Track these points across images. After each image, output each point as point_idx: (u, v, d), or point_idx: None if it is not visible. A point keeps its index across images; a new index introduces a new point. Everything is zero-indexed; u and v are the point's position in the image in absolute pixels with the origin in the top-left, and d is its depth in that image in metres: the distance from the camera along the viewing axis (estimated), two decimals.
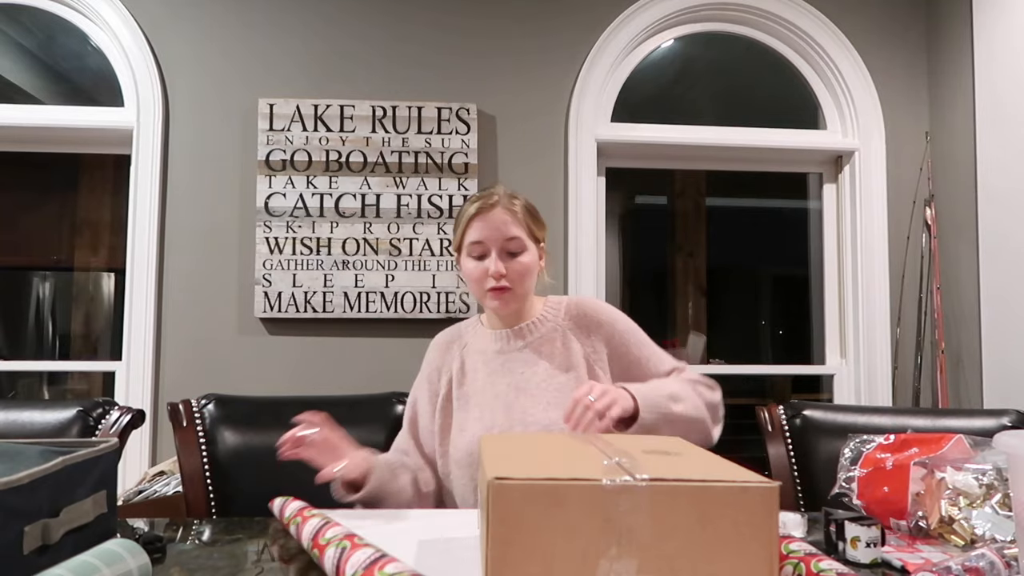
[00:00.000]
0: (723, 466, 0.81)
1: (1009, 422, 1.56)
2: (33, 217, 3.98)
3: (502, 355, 1.39)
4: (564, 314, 1.41)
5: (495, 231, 1.33)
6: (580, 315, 1.41)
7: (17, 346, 4.01)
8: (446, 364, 1.44)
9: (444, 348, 1.47)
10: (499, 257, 1.33)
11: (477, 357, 1.41)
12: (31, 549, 0.77)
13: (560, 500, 0.70)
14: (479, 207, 1.35)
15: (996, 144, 2.45)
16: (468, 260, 1.36)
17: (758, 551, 0.70)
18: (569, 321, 1.40)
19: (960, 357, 2.60)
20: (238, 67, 2.61)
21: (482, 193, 1.39)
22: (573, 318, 1.41)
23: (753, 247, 4.41)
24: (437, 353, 1.47)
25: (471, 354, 1.43)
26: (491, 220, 1.33)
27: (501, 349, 1.40)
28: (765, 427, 1.63)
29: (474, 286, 1.37)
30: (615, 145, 2.71)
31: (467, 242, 1.35)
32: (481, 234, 1.33)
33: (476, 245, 1.34)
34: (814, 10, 2.74)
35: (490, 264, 1.32)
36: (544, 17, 2.70)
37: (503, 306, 1.36)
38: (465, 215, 1.37)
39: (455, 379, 1.41)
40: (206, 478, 1.55)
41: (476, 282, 1.36)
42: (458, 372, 1.41)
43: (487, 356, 1.40)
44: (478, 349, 1.42)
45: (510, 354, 1.39)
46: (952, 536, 1.07)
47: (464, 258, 1.37)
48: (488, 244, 1.33)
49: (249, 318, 2.54)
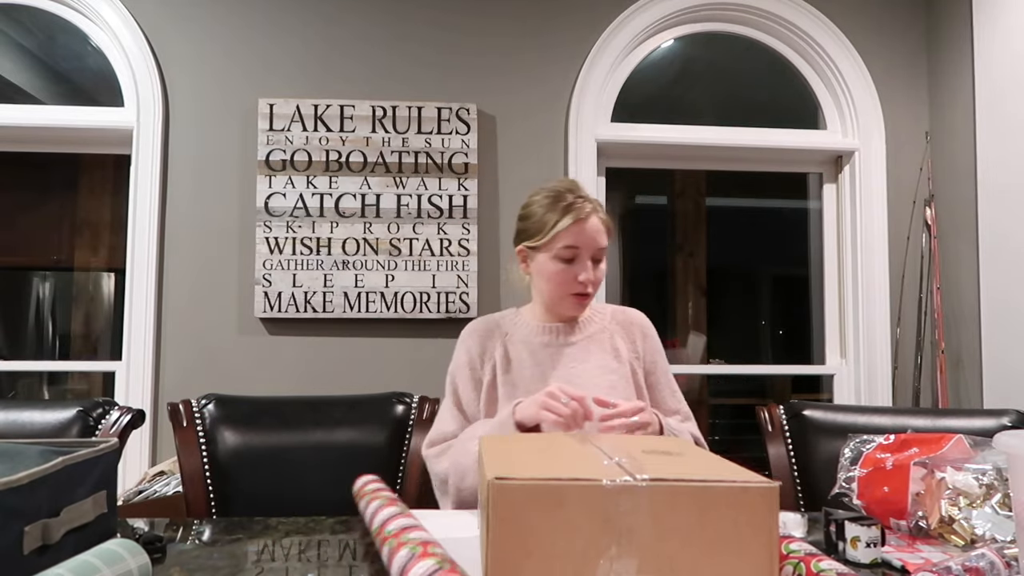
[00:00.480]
0: (723, 466, 0.81)
1: (1009, 422, 1.57)
2: (33, 217, 3.98)
3: (549, 348, 1.42)
4: (611, 318, 1.48)
5: (591, 239, 1.36)
6: (627, 322, 1.48)
7: (17, 346, 4.01)
8: (488, 351, 1.44)
9: (485, 335, 1.46)
10: (591, 266, 1.37)
11: (522, 347, 1.43)
12: (31, 549, 0.77)
13: (560, 500, 0.70)
14: (577, 216, 1.35)
15: (996, 144, 2.45)
16: (554, 262, 1.37)
17: (758, 551, 0.70)
18: (616, 325, 1.47)
19: (960, 357, 2.60)
20: (238, 67, 2.61)
21: (572, 198, 1.37)
22: (620, 323, 1.47)
23: (753, 247, 4.41)
24: (477, 340, 1.45)
25: (515, 344, 1.44)
26: (589, 228, 1.36)
27: (549, 342, 1.43)
28: (765, 427, 1.63)
29: (555, 287, 1.39)
30: (615, 145, 2.71)
31: (559, 245, 1.36)
32: (578, 240, 1.36)
33: (569, 249, 1.36)
34: (814, 10, 2.74)
35: (581, 271, 1.36)
36: (544, 17, 2.70)
37: (581, 311, 1.43)
38: (559, 220, 1.36)
39: (500, 367, 1.41)
40: (206, 478, 1.55)
41: (560, 284, 1.38)
42: (503, 360, 1.42)
43: (533, 347, 1.42)
44: (522, 339, 1.44)
45: (559, 348, 1.42)
46: (952, 536, 1.07)
47: (548, 259, 1.38)
48: (582, 251, 1.36)
49: (249, 318, 2.54)
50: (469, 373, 1.43)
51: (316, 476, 1.59)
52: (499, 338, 1.45)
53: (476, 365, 1.43)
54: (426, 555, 0.76)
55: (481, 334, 1.46)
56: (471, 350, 1.45)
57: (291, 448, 1.61)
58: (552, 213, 1.37)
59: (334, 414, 1.68)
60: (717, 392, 3.94)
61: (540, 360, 1.41)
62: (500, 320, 1.49)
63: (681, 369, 1.63)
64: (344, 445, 1.63)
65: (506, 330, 1.46)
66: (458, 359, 1.46)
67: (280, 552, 1.00)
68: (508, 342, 1.44)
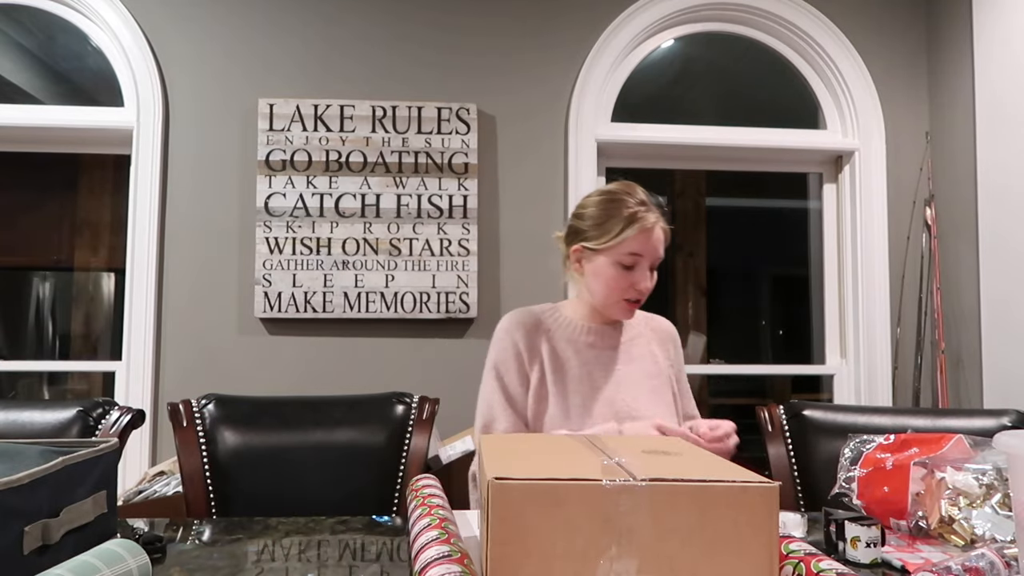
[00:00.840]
0: (723, 466, 0.81)
1: (1009, 422, 1.56)
2: (33, 217, 3.98)
3: (594, 349, 1.43)
4: (645, 324, 1.51)
5: (654, 249, 1.38)
6: (661, 330, 1.53)
7: (17, 346, 4.01)
8: (535, 347, 1.42)
9: (531, 330, 1.43)
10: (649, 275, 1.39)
11: (567, 347, 1.43)
12: (31, 549, 0.77)
13: (560, 500, 0.70)
14: (645, 224, 1.35)
15: (996, 144, 2.45)
16: (614, 267, 1.37)
17: (758, 551, 0.70)
18: (651, 332, 1.51)
19: (960, 357, 2.60)
20: (238, 67, 2.61)
21: (640, 208, 1.37)
22: (654, 330, 1.52)
23: (753, 247, 4.41)
24: (523, 334, 1.43)
25: (560, 342, 1.43)
26: (654, 238, 1.37)
27: (593, 343, 1.44)
28: (765, 427, 1.63)
29: (611, 292, 1.39)
30: (615, 145, 2.71)
31: (625, 251, 1.36)
32: (643, 248, 1.36)
33: (632, 256, 1.36)
34: (814, 10, 2.74)
35: (641, 279, 1.37)
36: (544, 17, 2.70)
37: (630, 316, 1.44)
38: (626, 226, 1.35)
39: (548, 365, 1.41)
40: (206, 478, 1.55)
41: (616, 289, 1.38)
42: (551, 358, 1.41)
43: (578, 347, 1.43)
44: (566, 338, 1.44)
45: (604, 350, 1.44)
46: (952, 536, 1.07)
47: (609, 263, 1.37)
48: (645, 259, 1.37)
49: (249, 318, 2.54)
50: (516, 367, 1.41)
51: (316, 476, 1.59)
52: (543, 334, 1.44)
53: (523, 360, 1.41)
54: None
55: (527, 328, 1.43)
56: (518, 344, 1.42)
57: (291, 448, 1.61)
58: (617, 219, 1.37)
59: (334, 414, 1.67)
60: (717, 392, 3.94)
61: (586, 360, 1.42)
62: (541, 316, 1.47)
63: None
64: (344, 445, 1.63)
65: (548, 326, 1.45)
66: (503, 351, 1.43)
67: (280, 552, 1.00)
68: (553, 340, 1.43)
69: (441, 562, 0.74)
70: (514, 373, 1.41)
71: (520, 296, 2.62)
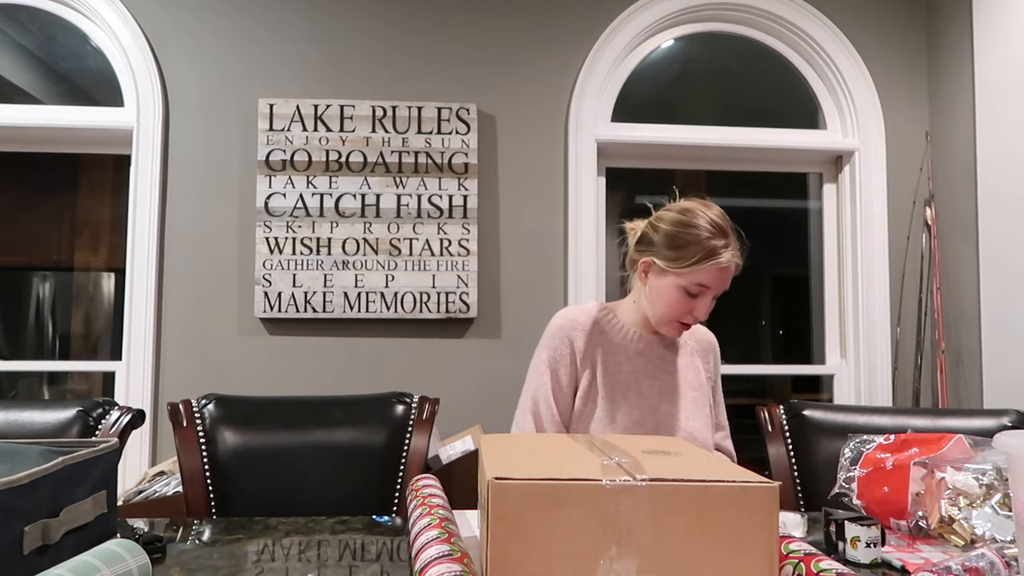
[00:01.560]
0: (723, 466, 0.81)
1: (1009, 422, 1.56)
2: (33, 217, 3.98)
3: (643, 357, 1.46)
4: (689, 335, 1.52)
5: (723, 284, 1.38)
6: (704, 341, 1.55)
7: (17, 346, 4.01)
8: (590, 349, 1.44)
9: (588, 332, 1.45)
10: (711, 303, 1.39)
11: (619, 351, 1.45)
12: (31, 549, 0.77)
13: (560, 500, 0.70)
14: (724, 263, 1.34)
15: (996, 144, 2.45)
16: (679, 291, 1.36)
17: (758, 551, 0.70)
18: (695, 343, 1.53)
19: (960, 357, 2.60)
20: (238, 67, 2.61)
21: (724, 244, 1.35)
22: (698, 341, 1.54)
23: (753, 247, 4.41)
24: (581, 334, 1.44)
25: (613, 347, 1.45)
26: (726, 274, 1.37)
27: (643, 351, 1.46)
28: (765, 427, 1.63)
29: (669, 312, 1.39)
30: (615, 145, 2.71)
31: (696, 280, 1.35)
32: (713, 282, 1.36)
33: (700, 287, 1.36)
34: (814, 10, 2.74)
35: (702, 307, 1.37)
36: (544, 17, 2.70)
37: (679, 335, 1.45)
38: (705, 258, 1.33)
39: (601, 368, 1.43)
40: (206, 478, 1.55)
41: (675, 312, 1.38)
42: (604, 361, 1.44)
43: (629, 354, 1.45)
44: (619, 343, 1.46)
45: (652, 359, 1.46)
46: (952, 536, 1.07)
47: (675, 286, 1.37)
48: (712, 291, 1.37)
49: (249, 318, 2.54)
50: (569, 366, 1.43)
51: (316, 476, 1.59)
52: (598, 336, 1.46)
53: (576, 360, 1.43)
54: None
55: (585, 330, 1.45)
56: (574, 343, 1.44)
57: (291, 448, 1.61)
58: (694, 248, 1.34)
59: (334, 414, 1.67)
60: None
61: (636, 367, 1.45)
62: (598, 318, 1.48)
63: None
64: (344, 445, 1.63)
65: (604, 328, 1.47)
66: (557, 348, 1.44)
67: (280, 552, 1.00)
68: (607, 343, 1.45)
69: (441, 561, 0.74)
70: (566, 372, 1.43)
71: (520, 296, 2.62)
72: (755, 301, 4.71)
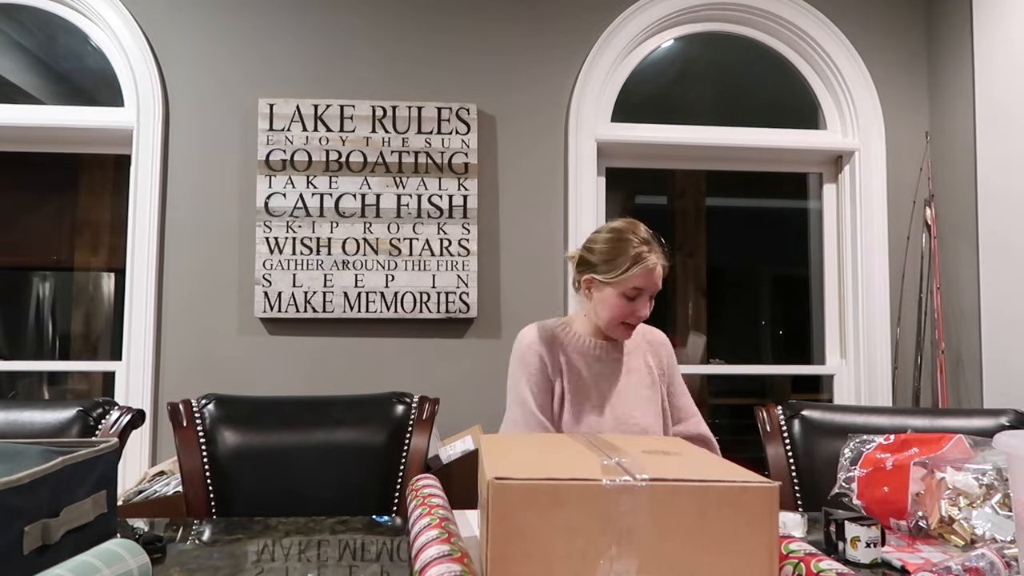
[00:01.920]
0: (722, 466, 0.81)
1: (1009, 422, 1.57)
2: (33, 217, 3.98)
3: (600, 362, 1.60)
4: (641, 337, 1.66)
5: (655, 284, 1.54)
6: (655, 342, 1.69)
7: (17, 346, 4.01)
8: (556, 361, 1.59)
9: (552, 344, 1.60)
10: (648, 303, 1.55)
11: (579, 359, 1.59)
12: (31, 549, 0.77)
13: (560, 500, 0.70)
14: (648, 265, 1.50)
15: (996, 144, 2.45)
16: (619, 298, 1.53)
17: (758, 551, 0.70)
18: (646, 344, 1.67)
19: (960, 357, 2.60)
20: (238, 67, 2.61)
21: (648, 250, 1.52)
22: (649, 342, 1.67)
23: (753, 247, 4.41)
24: (546, 349, 1.59)
25: (573, 355, 1.60)
26: (656, 274, 1.53)
27: (599, 356, 1.60)
28: (764, 427, 1.63)
29: (614, 317, 1.55)
30: (615, 145, 2.71)
31: (630, 285, 1.51)
32: (645, 284, 1.52)
33: (636, 290, 1.52)
34: (814, 10, 2.74)
35: (641, 308, 1.54)
36: (544, 17, 2.70)
37: (628, 337, 1.60)
38: (632, 266, 1.50)
39: (567, 377, 1.57)
40: (206, 478, 1.55)
41: (619, 316, 1.54)
42: (568, 370, 1.58)
43: (588, 360, 1.60)
44: (577, 352, 1.60)
45: (607, 363, 1.60)
46: (952, 536, 1.07)
47: (615, 295, 1.53)
48: (647, 292, 1.54)
49: (249, 318, 2.54)
50: (544, 379, 1.56)
51: (316, 476, 1.59)
52: (560, 347, 1.60)
53: (548, 372, 1.57)
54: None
55: (549, 344, 1.60)
56: (543, 357, 1.57)
57: (291, 448, 1.61)
58: (624, 258, 1.52)
59: (334, 414, 1.68)
60: (717, 392, 3.94)
61: (594, 372, 1.59)
62: (555, 331, 1.62)
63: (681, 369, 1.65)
64: (344, 445, 1.63)
65: (563, 340, 1.61)
66: (530, 366, 1.57)
67: (280, 552, 1.00)
68: (567, 352, 1.60)
69: (441, 561, 0.74)
70: (544, 384, 1.57)
71: (520, 296, 2.62)
72: (755, 301, 4.71)
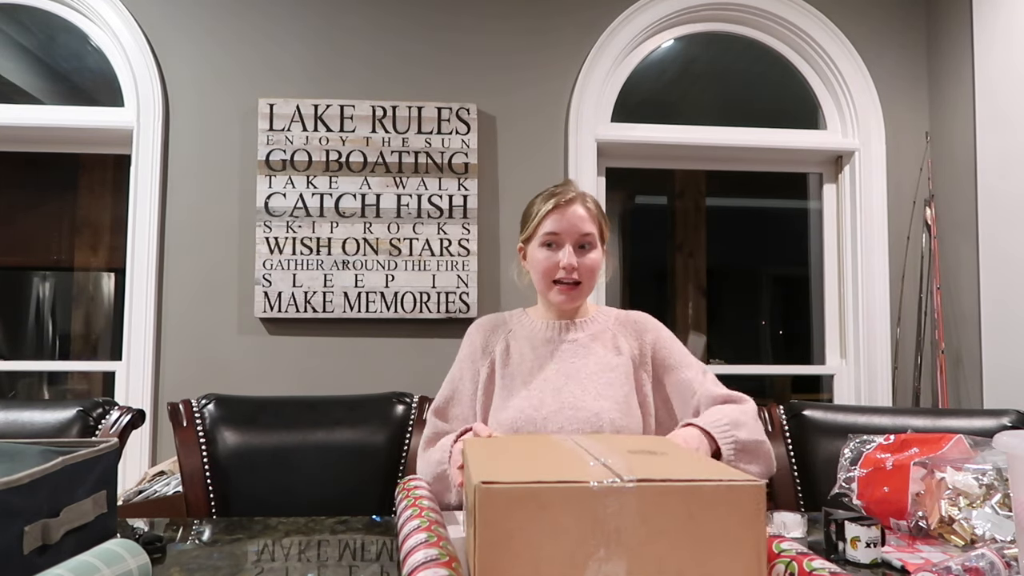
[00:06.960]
0: (710, 465, 0.81)
1: (1009, 422, 1.56)
2: (33, 217, 3.98)
3: (551, 344, 1.45)
4: (614, 320, 1.49)
5: (572, 226, 1.38)
6: (629, 321, 1.49)
7: (17, 346, 4.01)
8: (490, 345, 1.48)
9: (489, 330, 1.50)
10: (572, 251, 1.38)
11: (524, 342, 1.46)
12: (31, 549, 0.77)
13: (547, 503, 0.69)
14: (557, 201, 1.38)
15: (996, 144, 2.45)
16: (539, 250, 1.41)
17: (747, 549, 0.70)
18: (619, 326, 1.48)
19: (960, 357, 2.60)
20: (238, 67, 2.61)
21: (557, 188, 1.43)
22: (623, 323, 1.48)
23: (753, 247, 4.41)
24: (481, 334, 1.49)
25: (517, 339, 1.47)
26: (569, 215, 1.38)
27: (551, 338, 1.45)
28: (765, 427, 1.63)
29: (541, 277, 1.42)
30: (615, 145, 2.71)
31: (541, 232, 1.39)
32: (558, 226, 1.38)
33: (551, 236, 1.39)
34: (814, 10, 2.74)
35: (563, 256, 1.38)
36: (544, 17, 2.70)
37: (568, 301, 1.42)
38: (541, 207, 1.40)
39: (499, 360, 1.45)
40: (206, 478, 1.55)
41: (545, 273, 1.40)
42: (503, 354, 1.46)
43: (535, 342, 1.46)
44: (525, 335, 1.47)
45: (560, 344, 1.45)
46: (952, 536, 1.07)
47: (534, 248, 1.42)
48: (564, 237, 1.38)
49: (249, 318, 2.54)
50: (469, 366, 1.47)
51: (316, 476, 1.59)
52: (503, 333, 1.49)
53: (476, 358, 1.47)
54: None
55: (486, 329, 1.50)
56: (473, 344, 1.49)
57: (291, 448, 1.61)
58: (535, 207, 1.43)
59: (334, 414, 1.68)
60: None
61: (540, 355, 1.44)
62: (507, 317, 1.53)
63: None
64: (344, 445, 1.63)
65: (511, 327, 1.50)
66: (460, 354, 1.51)
67: (280, 552, 1.00)
68: (511, 337, 1.48)
69: (429, 566, 0.74)
70: (467, 372, 1.47)
71: (520, 296, 2.61)
72: (755, 301, 4.71)
